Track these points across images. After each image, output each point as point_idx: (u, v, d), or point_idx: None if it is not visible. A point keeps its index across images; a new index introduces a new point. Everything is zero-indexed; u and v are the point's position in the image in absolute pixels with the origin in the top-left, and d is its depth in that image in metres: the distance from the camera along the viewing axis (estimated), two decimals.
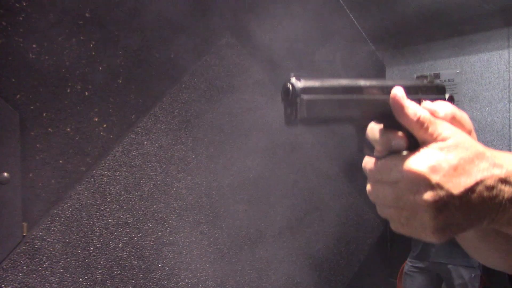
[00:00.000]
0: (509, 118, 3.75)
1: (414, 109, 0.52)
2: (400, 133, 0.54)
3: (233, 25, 1.98)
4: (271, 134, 2.07)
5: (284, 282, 2.10)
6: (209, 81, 1.89)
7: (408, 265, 3.12)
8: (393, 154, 0.53)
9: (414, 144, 0.53)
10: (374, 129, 0.56)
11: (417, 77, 0.62)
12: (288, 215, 2.13)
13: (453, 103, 0.59)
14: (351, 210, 2.38)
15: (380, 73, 2.62)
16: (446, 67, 4.19)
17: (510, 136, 3.74)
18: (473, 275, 2.83)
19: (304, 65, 2.22)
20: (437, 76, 4.23)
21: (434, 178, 0.48)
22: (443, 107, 0.54)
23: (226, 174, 1.93)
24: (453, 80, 4.13)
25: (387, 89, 0.54)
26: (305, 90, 0.51)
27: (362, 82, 0.54)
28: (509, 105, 3.76)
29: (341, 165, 2.33)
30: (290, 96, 0.52)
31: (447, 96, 0.65)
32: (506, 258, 0.66)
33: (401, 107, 0.52)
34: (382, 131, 0.55)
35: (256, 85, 2.04)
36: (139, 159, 1.70)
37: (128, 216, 1.66)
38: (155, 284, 1.72)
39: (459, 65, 4.09)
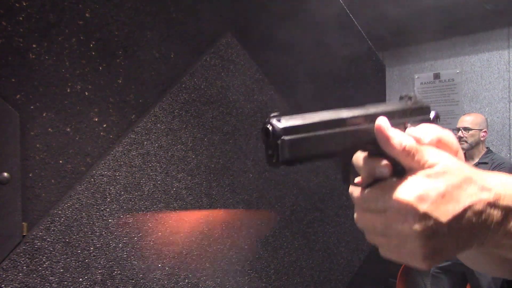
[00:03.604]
0: (509, 118, 3.75)
1: (399, 139, 0.51)
2: (384, 160, 0.53)
3: (233, 25, 1.98)
4: None
5: (284, 282, 2.10)
6: (209, 81, 1.88)
7: (433, 266, 3.12)
8: (379, 182, 0.53)
9: (400, 171, 0.52)
10: (359, 157, 0.55)
11: (401, 97, 0.60)
12: (288, 215, 2.13)
13: (438, 122, 0.59)
14: (351, 210, 2.38)
15: (380, 73, 2.62)
16: (446, 67, 4.19)
17: (510, 136, 3.74)
18: None
19: (304, 65, 2.21)
20: (437, 76, 4.23)
21: (422, 207, 0.48)
22: (428, 132, 0.54)
23: (226, 174, 1.93)
24: (453, 80, 4.13)
25: (371, 118, 0.53)
26: (286, 130, 0.49)
27: (345, 114, 0.53)
28: (509, 105, 3.76)
29: (341, 166, 2.33)
30: (270, 138, 0.49)
31: (432, 114, 0.63)
32: (501, 267, 0.66)
33: (386, 138, 0.51)
34: (366, 159, 0.55)
35: (256, 85, 2.04)
36: (139, 159, 1.70)
37: (128, 216, 1.66)
38: (155, 284, 1.72)
39: (459, 65, 4.09)
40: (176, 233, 1.78)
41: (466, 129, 2.95)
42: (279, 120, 0.49)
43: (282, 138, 0.49)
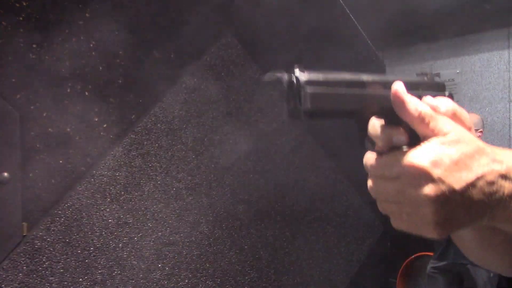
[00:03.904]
0: (509, 118, 3.75)
1: (415, 104, 0.52)
2: (401, 129, 0.54)
3: (233, 25, 1.98)
4: (271, 134, 2.07)
5: (284, 282, 2.10)
6: (209, 81, 1.88)
7: (429, 266, 3.13)
8: (395, 149, 0.53)
9: (415, 140, 0.53)
10: (375, 124, 0.56)
11: (417, 75, 0.62)
12: (288, 215, 2.13)
13: (453, 100, 0.60)
14: (351, 210, 2.38)
15: (380, 73, 2.61)
16: (446, 67, 4.19)
17: (510, 136, 3.74)
18: (491, 274, 2.83)
19: (304, 65, 2.21)
20: (437, 76, 4.23)
21: (436, 172, 0.48)
22: (444, 103, 0.55)
23: (226, 174, 1.93)
24: (453, 80, 4.13)
25: (389, 85, 0.54)
26: (309, 82, 0.52)
27: (365, 77, 0.55)
28: (509, 105, 3.76)
29: (341, 165, 2.33)
30: (294, 88, 0.51)
31: (446, 93, 0.66)
32: (502, 260, 0.66)
33: (402, 102, 0.52)
34: (383, 127, 0.55)
35: (256, 86, 2.04)
36: (139, 159, 1.70)
37: (128, 216, 1.66)
38: (155, 284, 1.72)
39: (459, 65, 4.09)
40: (176, 233, 1.78)
41: None
42: (303, 72, 0.52)
43: (305, 89, 0.51)
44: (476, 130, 2.96)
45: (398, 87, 0.53)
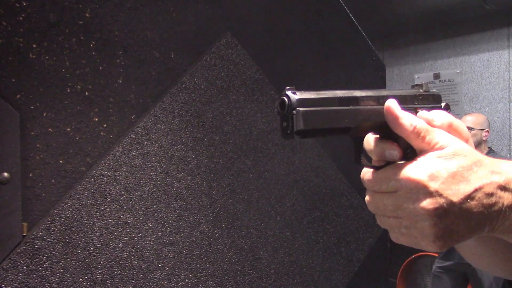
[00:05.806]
0: (509, 118, 3.76)
1: (409, 119, 0.52)
2: (395, 143, 0.54)
3: (233, 25, 1.98)
4: (271, 134, 2.07)
5: (284, 282, 2.10)
6: (209, 81, 1.89)
7: (435, 265, 3.12)
8: (391, 163, 0.53)
9: (412, 154, 0.53)
10: (370, 139, 0.56)
11: (413, 86, 0.62)
12: (288, 215, 2.13)
13: (450, 112, 0.60)
14: (351, 210, 2.38)
15: (380, 73, 2.62)
16: (446, 67, 4.19)
17: (510, 136, 3.74)
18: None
19: (304, 65, 2.22)
20: (437, 76, 4.24)
21: (433, 186, 0.48)
22: (439, 115, 0.54)
23: (226, 174, 1.93)
24: (453, 80, 4.13)
25: (383, 100, 0.54)
26: (301, 102, 0.51)
27: (358, 93, 0.55)
28: (509, 105, 3.76)
29: (341, 165, 2.33)
30: (286, 109, 0.52)
31: (443, 104, 0.65)
32: (506, 264, 0.66)
33: (396, 118, 0.52)
34: (377, 142, 0.55)
35: (256, 85, 2.04)
36: (139, 159, 1.70)
37: (128, 216, 1.66)
38: (155, 284, 1.72)
39: (459, 65, 4.10)
40: (176, 233, 1.78)
41: (468, 128, 2.97)
42: (294, 93, 0.51)
43: (297, 109, 0.50)
44: (482, 129, 2.97)
45: (391, 103, 0.53)
